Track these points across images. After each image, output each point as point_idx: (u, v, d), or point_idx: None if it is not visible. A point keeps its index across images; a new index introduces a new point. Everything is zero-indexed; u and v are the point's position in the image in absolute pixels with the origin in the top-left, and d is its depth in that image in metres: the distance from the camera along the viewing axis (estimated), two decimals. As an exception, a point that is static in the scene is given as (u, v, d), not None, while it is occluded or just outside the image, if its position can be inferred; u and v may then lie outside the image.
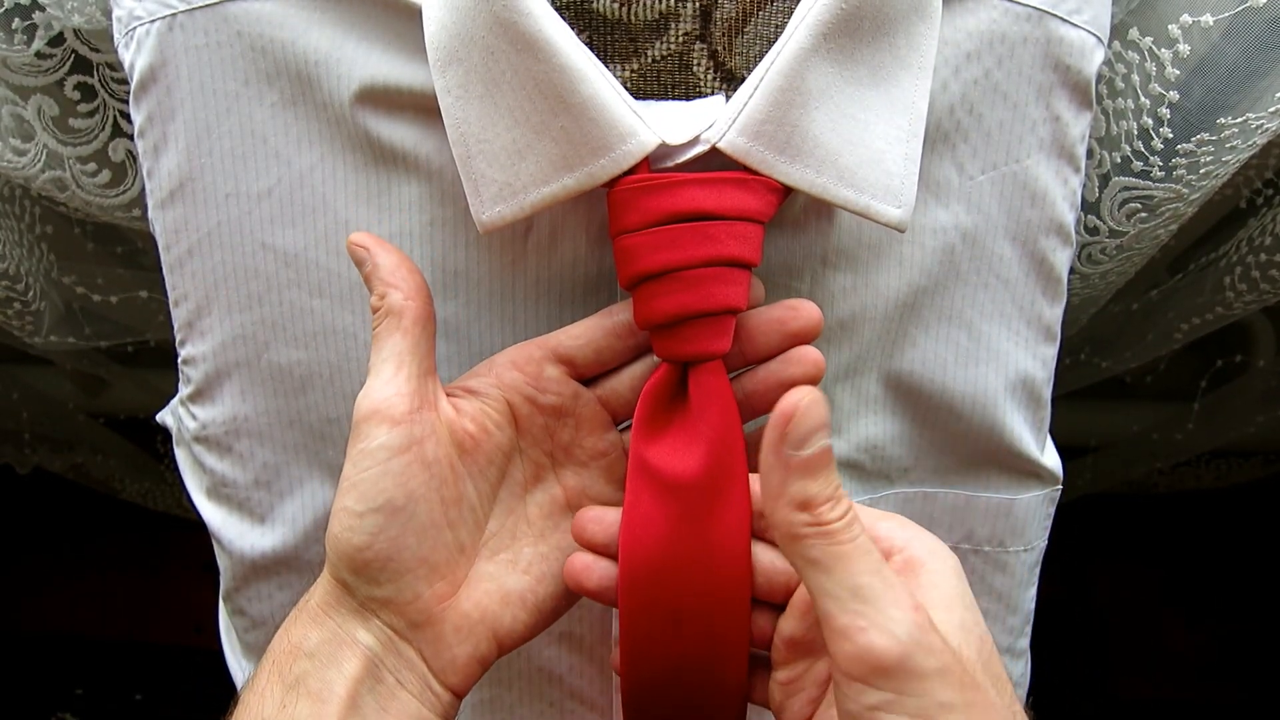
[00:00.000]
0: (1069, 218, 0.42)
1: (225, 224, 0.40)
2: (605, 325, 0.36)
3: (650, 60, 0.36)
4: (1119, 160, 0.47)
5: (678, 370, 0.35)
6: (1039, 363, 0.43)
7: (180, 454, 0.46)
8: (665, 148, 0.34)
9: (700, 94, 0.36)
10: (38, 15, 0.46)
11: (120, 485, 1.02)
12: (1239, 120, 0.43)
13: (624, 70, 0.36)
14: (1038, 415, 0.44)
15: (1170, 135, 0.45)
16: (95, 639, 1.14)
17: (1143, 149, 0.46)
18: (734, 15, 0.35)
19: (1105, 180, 0.48)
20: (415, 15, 0.36)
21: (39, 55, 0.48)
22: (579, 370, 0.36)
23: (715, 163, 0.34)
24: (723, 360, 0.35)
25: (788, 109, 0.33)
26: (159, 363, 0.90)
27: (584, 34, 0.35)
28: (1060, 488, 0.46)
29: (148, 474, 1.02)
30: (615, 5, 0.35)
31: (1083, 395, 0.84)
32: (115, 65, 0.50)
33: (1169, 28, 0.42)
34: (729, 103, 0.34)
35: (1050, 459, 0.45)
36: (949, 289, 0.41)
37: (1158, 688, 1.06)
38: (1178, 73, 0.43)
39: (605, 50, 0.36)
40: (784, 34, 0.33)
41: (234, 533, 0.44)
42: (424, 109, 0.37)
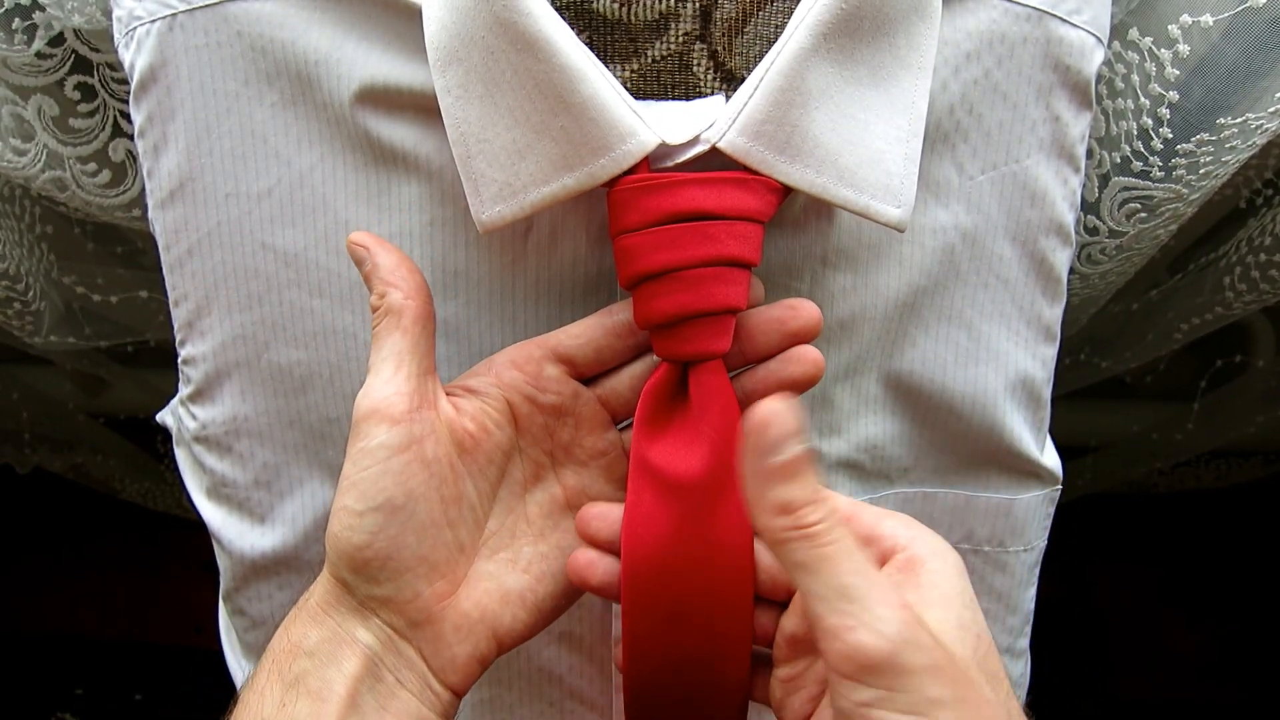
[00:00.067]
0: (1069, 218, 0.42)
1: (225, 224, 0.40)
2: (605, 324, 0.36)
3: (650, 60, 0.36)
4: (1119, 160, 0.47)
5: (678, 370, 0.35)
6: (1039, 363, 0.43)
7: (180, 454, 0.46)
8: (665, 147, 0.34)
9: (700, 94, 0.36)
10: (38, 15, 0.46)
11: (120, 485, 1.02)
12: (1239, 120, 0.43)
13: (624, 70, 0.36)
14: (1037, 415, 0.44)
15: (1170, 135, 0.45)
16: (95, 639, 1.14)
17: (1142, 149, 0.46)
18: (734, 15, 0.35)
19: (1105, 180, 0.48)
20: (415, 15, 0.36)
21: (39, 55, 0.48)
22: (579, 369, 0.36)
23: (715, 163, 0.34)
24: (723, 359, 0.35)
25: (788, 109, 0.33)
26: (159, 363, 0.90)
27: (584, 34, 0.35)
28: (1060, 488, 0.46)
29: (148, 474, 1.02)
30: (615, 5, 0.35)
31: (1083, 395, 0.84)
32: (115, 65, 0.50)
33: (1169, 28, 0.42)
34: (729, 103, 0.34)
35: (1050, 459, 0.45)
36: (949, 289, 0.41)
37: (1158, 688, 1.06)
38: (1177, 73, 0.43)
39: (605, 50, 0.36)
40: (784, 34, 0.33)
41: (234, 533, 0.44)
42: (424, 109, 0.37)
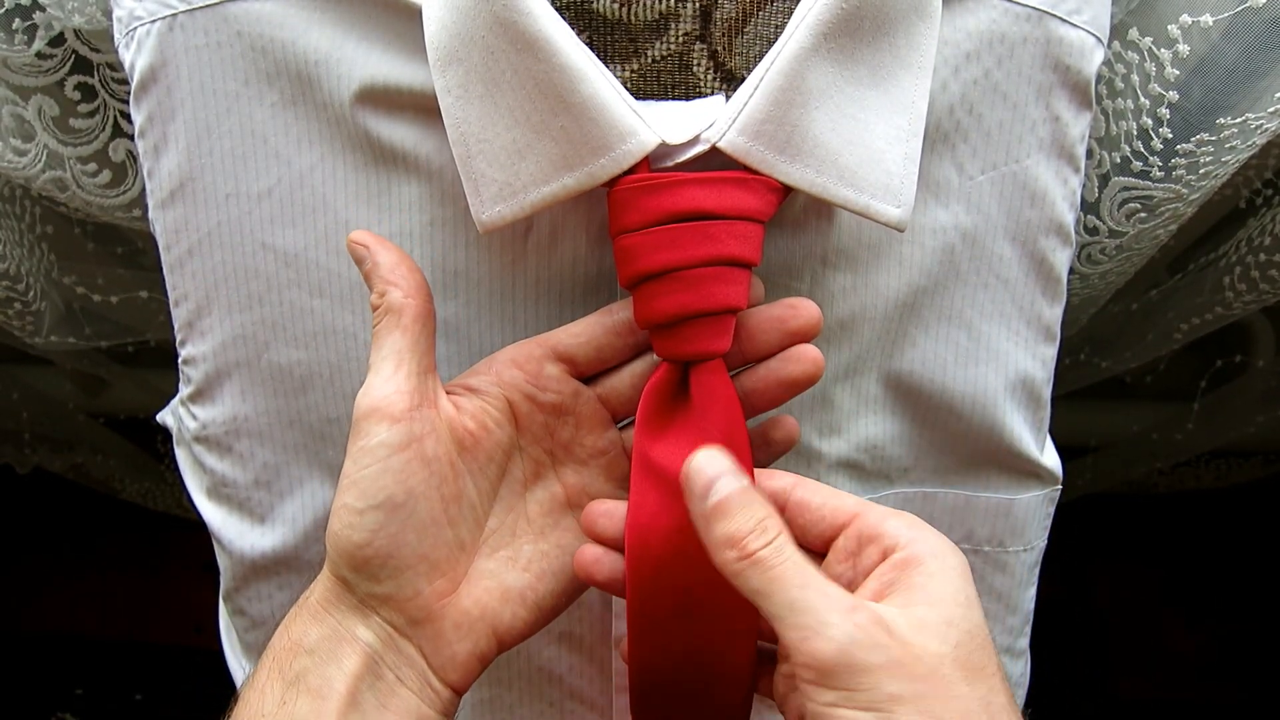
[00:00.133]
0: (1069, 218, 0.42)
1: (225, 224, 0.40)
2: (605, 323, 0.36)
3: (650, 60, 0.36)
4: (1119, 160, 0.47)
5: (678, 369, 0.35)
6: (1039, 363, 0.43)
7: (180, 454, 0.46)
8: (665, 147, 0.34)
9: (700, 94, 0.36)
10: (38, 15, 0.46)
11: (120, 485, 1.02)
12: (1238, 120, 0.43)
13: (624, 70, 0.36)
14: (1037, 415, 0.44)
15: (1170, 135, 0.45)
16: (95, 639, 1.14)
17: (1142, 149, 0.46)
18: (734, 15, 0.35)
19: (1105, 180, 0.48)
20: (415, 15, 0.36)
21: (39, 55, 0.48)
22: (579, 368, 0.36)
23: (715, 162, 0.34)
24: (723, 359, 0.35)
25: (788, 109, 0.33)
26: (159, 363, 0.90)
27: (584, 34, 0.35)
28: (1060, 488, 0.46)
29: (148, 474, 1.02)
30: (615, 5, 0.35)
31: (1083, 395, 0.84)
32: (116, 65, 0.50)
33: (1169, 28, 0.42)
34: (729, 102, 0.34)
35: (1050, 459, 0.45)
36: (949, 289, 0.41)
37: (1158, 688, 1.06)
38: (1177, 73, 0.43)
39: (605, 50, 0.36)
40: (784, 34, 0.33)
41: (234, 533, 0.44)
42: (424, 109, 0.37)
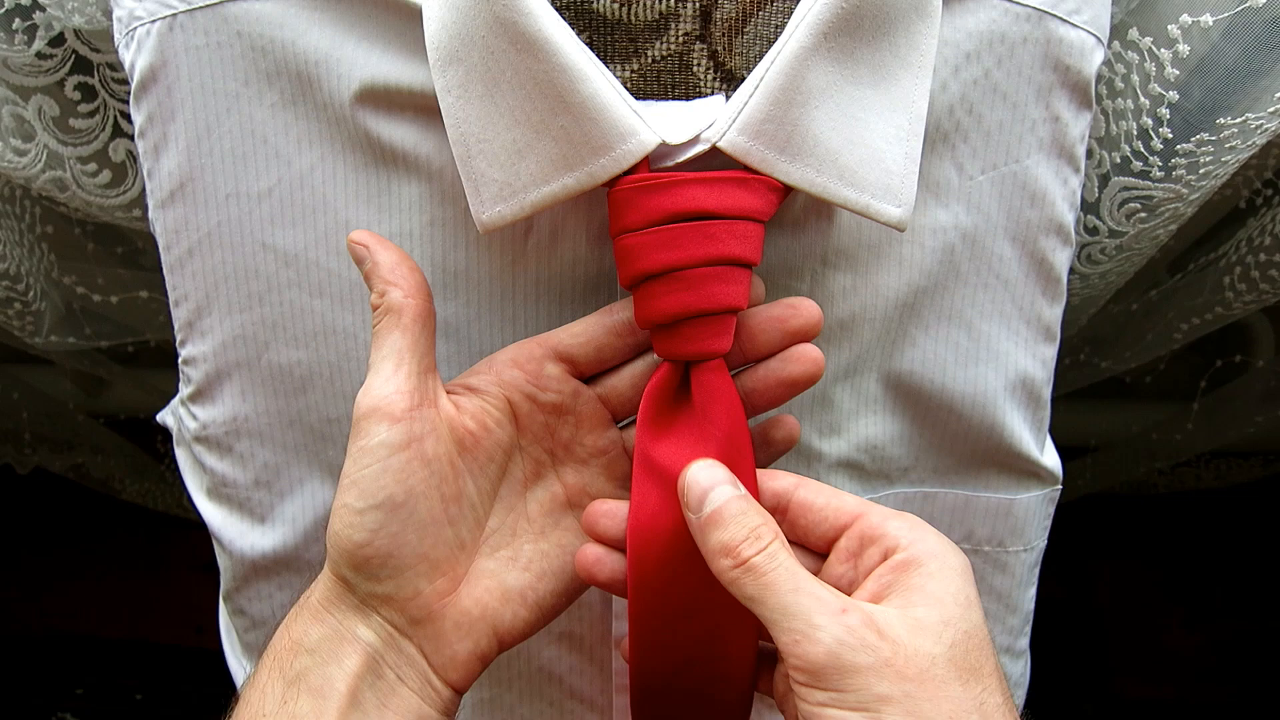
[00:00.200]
0: (1069, 218, 0.42)
1: (225, 224, 0.40)
2: (606, 323, 0.36)
3: (650, 60, 0.36)
4: (1119, 160, 0.47)
5: (679, 369, 0.35)
6: (1039, 363, 0.43)
7: (180, 454, 0.46)
8: (665, 147, 0.34)
9: (700, 94, 0.36)
10: (38, 15, 0.46)
11: (120, 485, 1.02)
12: (1238, 120, 0.43)
13: (624, 70, 0.36)
14: (1037, 415, 0.44)
15: (1170, 135, 0.45)
16: (95, 639, 1.14)
17: (1142, 149, 0.46)
18: (734, 15, 0.35)
19: (1105, 180, 0.48)
20: (415, 15, 0.36)
21: (39, 55, 0.48)
22: (579, 368, 0.36)
23: (715, 162, 0.34)
24: (723, 358, 0.35)
25: (788, 108, 0.33)
26: (159, 363, 0.90)
27: (584, 34, 0.35)
28: (1060, 488, 0.46)
29: (148, 474, 1.02)
30: (615, 5, 0.35)
31: (1083, 395, 0.84)
32: (116, 65, 0.50)
33: (1169, 28, 0.42)
34: (729, 102, 0.34)
35: (1050, 459, 0.45)
36: (949, 289, 0.41)
37: (1158, 688, 1.06)
38: (1177, 73, 0.43)
39: (605, 50, 0.36)
40: (784, 33, 0.33)
41: (234, 533, 0.44)
42: (424, 109, 0.37)
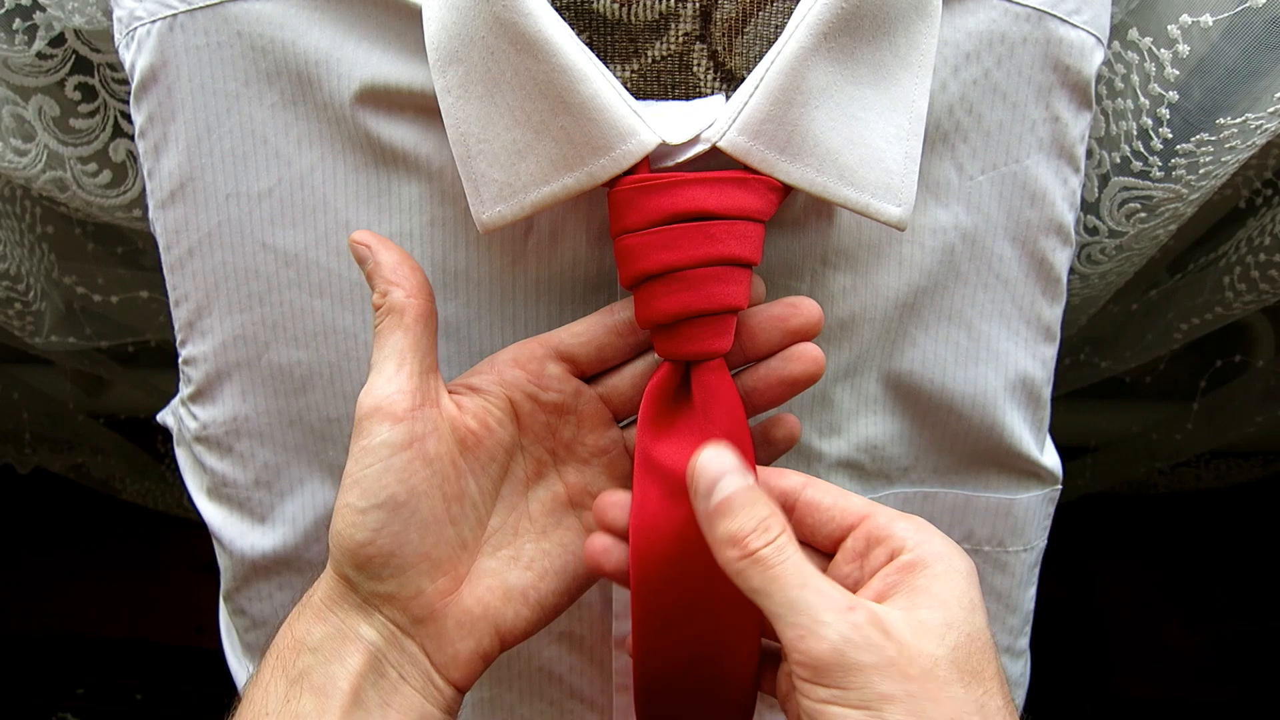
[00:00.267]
0: (1069, 218, 0.42)
1: (226, 224, 0.40)
2: (607, 323, 0.36)
3: (650, 60, 0.36)
4: (1119, 160, 0.47)
5: (680, 369, 0.35)
6: (1039, 363, 0.43)
7: (180, 454, 0.46)
8: (665, 147, 0.34)
9: (700, 94, 0.36)
10: (38, 15, 0.46)
11: (120, 485, 1.02)
12: (1238, 120, 0.43)
13: (624, 70, 0.36)
14: (1037, 415, 0.44)
15: (1170, 135, 0.45)
16: (95, 639, 1.14)
17: (1142, 149, 0.46)
18: (734, 15, 0.35)
19: (1105, 180, 0.48)
20: (415, 15, 0.36)
21: (40, 56, 0.48)
22: (580, 368, 0.37)
23: (715, 162, 0.34)
24: (724, 358, 0.35)
25: (788, 108, 0.33)
26: (159, 363, 0.90)
27: (584, 34, 0.35)
28: (1060, 488, 0.46)
29: (148, 474, 1.02)
30: (615, 5, 0.35)
31: (1083, 395, 0.84)
32: (116, 65, 0.50)
33: (1168, 28, 0.42)
34: (729, 102, 0.34)
35: (1050, 459, 0.45)
36: (949, 289, 0.41)
37: (1158, 688, 1.06)
38: (1177, 73, 0.43)
39: (605, 50, 0.36)
40: (784, 33, 0.33)
41: (234, 533, 0.44)
42: (424, 109, 0.37)
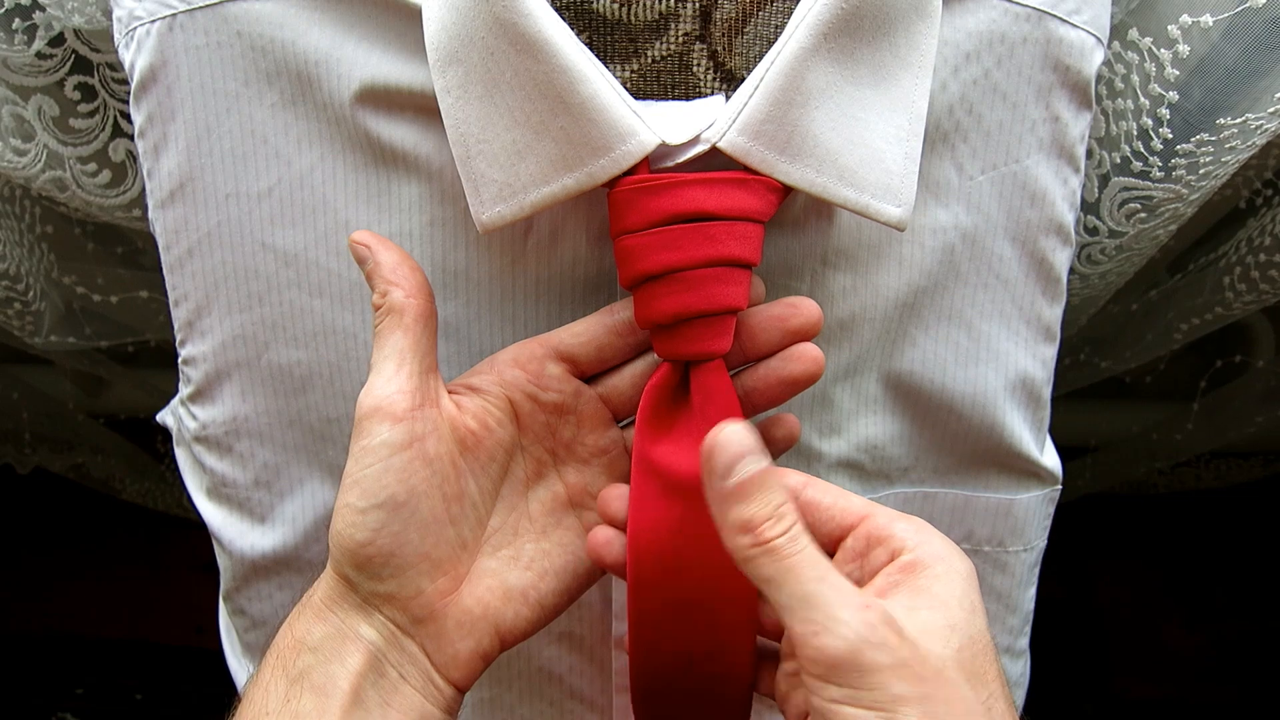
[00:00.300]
0: (1069, 218, 0.42)
1: (225, 224, 0.40)
2: (607, 323, 0.36)
3: (650, 60, 0.36)
4: (1119, 160, 0.47)
5: (679, 369, 0.35)
6: (1039, 363, 0.43)
7: (180, 454, 0.46)
8: (665, 148, 0.34)
9: (700, 94, 0.36)
10: (38, 15, 0.46)
11: (120, 485, 1.02)
12: (1238, 120, 0.43)
13: (624, 70, 0.36)
14: (1037, 415, 0.44)
15: (1170, 136, 0.45)
16: (95, 639, 1.14)
17: (1142, 149, 0.46)
18: (734, 15, 0.35)
19: (1105, 180, 0.48)
20: (415, 15, 0.36)
21: (39, 55, 0.48)
22: (580, 368, 0.37)
23: (715, 162, 0.34)
24: (723, 358, 0.35)
25: (788, 108, 0.33)
26: (159, 363, 0.90)
27: (584, 34, 0.35)
28: (1060, 488, 0.46)
29: (148, 474, 1.02)
30: (615, 5, 0.35)
31: (1083, 395, 0.84)
32: (115, 65, 0.50)
33: (1168, 28, 0.42)
34: (729, 102, 0.34)
35: (1050, 459, 0.45)
36: (949, 289, 0.41)
37: (1158, 688, 1.06)
38: (1177, 73, 0.43)
39: (605, 50, 0.36)
40: (784, 34, 0.33)
41: (234, 533, 0.44)
42: (424, 109, 0.37)
